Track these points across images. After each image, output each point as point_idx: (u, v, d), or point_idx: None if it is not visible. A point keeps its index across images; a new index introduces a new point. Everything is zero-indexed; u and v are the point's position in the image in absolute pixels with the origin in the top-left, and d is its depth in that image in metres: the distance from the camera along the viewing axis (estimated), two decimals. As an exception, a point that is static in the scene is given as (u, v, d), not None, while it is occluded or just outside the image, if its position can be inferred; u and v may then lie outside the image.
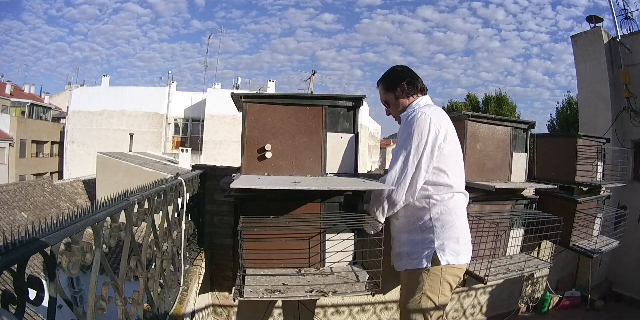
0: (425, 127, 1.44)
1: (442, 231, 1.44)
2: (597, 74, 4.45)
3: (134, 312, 1.13)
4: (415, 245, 1.47)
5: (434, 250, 1.42)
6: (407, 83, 1.59)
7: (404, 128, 1.50)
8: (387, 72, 1.66)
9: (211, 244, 2.28)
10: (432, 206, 1.47)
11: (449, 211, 1.47)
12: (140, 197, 1.16)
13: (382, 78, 1.66)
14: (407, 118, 1.50)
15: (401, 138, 1.49)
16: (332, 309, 2.48)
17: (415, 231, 1.49)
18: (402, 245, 1.52)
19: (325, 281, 1.55)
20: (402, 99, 1.61)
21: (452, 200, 1.49)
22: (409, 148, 1.44)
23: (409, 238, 1.50)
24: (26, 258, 0.64)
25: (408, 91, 1.59)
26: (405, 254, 1.51)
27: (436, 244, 1.43)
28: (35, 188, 10.75)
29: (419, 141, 1.43)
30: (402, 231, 1.54)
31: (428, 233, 1.45)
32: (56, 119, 24.23)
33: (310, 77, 19.29)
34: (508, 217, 2.09)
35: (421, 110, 1.49)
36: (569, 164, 2.59)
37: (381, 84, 1.66)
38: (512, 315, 3.07)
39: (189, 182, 1.86)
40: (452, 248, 1.44)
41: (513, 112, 20.00)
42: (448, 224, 1.45)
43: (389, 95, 1.63)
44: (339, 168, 1.71)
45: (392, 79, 1.63)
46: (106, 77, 19.09)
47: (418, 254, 1.46)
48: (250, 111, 1.66)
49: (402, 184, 1.45)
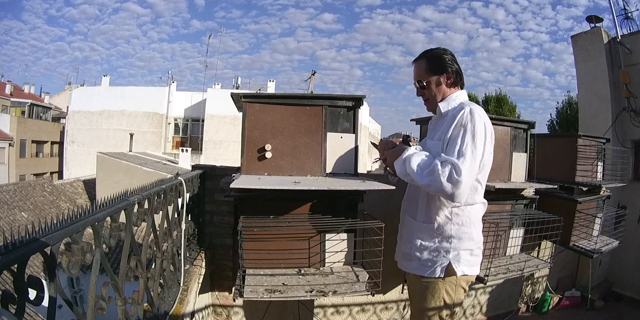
0: (488, 134, 1.36)
1: (459, 242, 1.41)
2: (597, 74, 4.45)
3: (134, 312, 1.13)
4: (431, 252, 1.43)
5: (449, 261, 1.40)
6: (455, 72, 1.47)
7: (464, 122, 1.34)
8: (434, 53, 1.49)
9: (211, 244, 2.28)
10: (455, 216, 1.42)
11: (470, 223, 1.44)
12: (140, 197, 1.16)
13: (429, 57, 1.49)
14: (466, 113, 1.35)
15: (460, 131, 1.33)
16: (332, 309, 2.48)
17: (431, 238, 1.44)
18: (415, 248, 1.47)
19: (325, 281, 1.55)
20: (445, 87, 1.48)
21: (474, 211, 1.45)
22: (479, 150, 1.32)
23: (423, 244, 1.45)
24: (26, 258, 0.64)
25: (453, 82, 1.48)
26: (416, 258, 1.46)
27: (451, 254, 1.41)
28: (35, 188, 10.75)
29: (483, 147, 1.33)
30: (416, 234, 1.48)
31: (445, 242, 1.41)
32: (56, 119, 24.23)
33: (310, 77, 19.29)
34: (508, 217, 2.09)
35: (478, 111, 1.37)
36: (569, 164, 2.59)
37: (425, 62, 1.49)
38: (512, 315, 3.07)
39: (189, 182, 1.86)
40: (466, 258, 1.43)
41: (513, 112, 19.99)
42: (466, 235, 1.42)
43: (431, 77, 1.47)
44: (339, 168, 1.71)
45: (442, 62, 1.47)
46: (106, 77, 19.09)
47: (433, 262, 1.42)
48: (250, 111, 1.66)
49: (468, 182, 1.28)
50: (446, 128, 1.38)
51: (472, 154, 1.29)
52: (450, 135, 1.35)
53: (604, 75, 4.37)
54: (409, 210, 1.54)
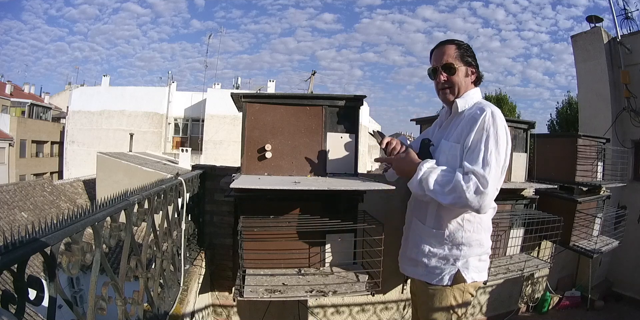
0: (509, 139, 1.31)
1: (469, 249, 1.37)
2: (597, 74, 4.45)
3: (134, 312, 1.13)
4: (439, 260, 1.39)
5: (457, 268, 1.36)
6: (477, 70, 1.43)
7: (486, 126, 1.27)
8: (463, 43, 1.42)
9: (211, 244, 2.28)
10: (467, 222, 1.37)
11: (481, 229, 1.39)
12: (140, 197, 1.16)
13: (461, 45, 1.41)
14: (488, 116, 1.28)
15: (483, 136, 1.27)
16: (332, 309, 2.48)
17: (441, 245, 1.38)
18: (423, 254, 1.42)
19: (325, 281, 1.55)
20: (470, 80, 1.42)
21: (486, 216, 1.41)
22: (502, 156, 1.26)
23: (432, 250, 1.40)
24: (26, 258, 0.64)
25: (477, 78, 1.44)
26: (423, 264, 1.42)
27: (460, 262, 1.37)
28: (35, 188, 10.75)
29: (505, 153, 1.28)
30: (425, 239, 1.42)
31: (455, 250, 1.37)
32: (56, 119, 24.23)
33: (310, 77, 19.30)
34: (508, 217, 2.09)
35: (499, 114, 1.31)
36: (569, 164, 2.59)
37: (456, 49, 1.40)
38: (512, 315, 3.07)
39: (189, 182, 1.86)
40: (474, 265, 1.39)
41: (513, 112, 19.98)
42: (476, 242, 1.38)
43: (461, 65, 1.39)
44: (339, 168, 1.71)
45: (471, 54, 1.41)
46: (106, 77, 19.09)
47: (441, 270, 1.38)
48: (250, 111, 1.66)
49: (494, 192, 1.24)
50: (466, 131, 1.31)
51: (496, 162, 1.24)
52: (472, 140, 1.28)
53: (604, 75, 4.37)
54: (417, 213, 1.48)
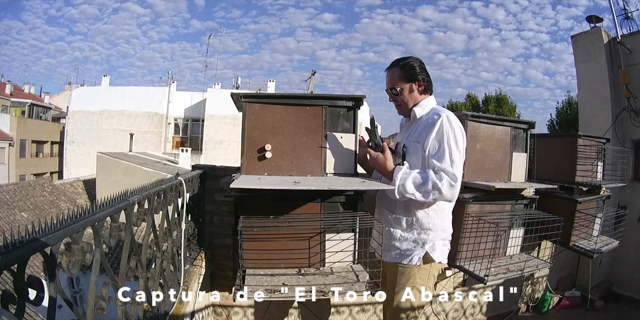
0: (464, 136, 1.53)
1: (435, 234, 1.58)
2: (597, 74, 4.46)
3: (134, 312, 1.13)
4: (410, 243, 1.59)
5: (426, 251, 1.56)
6: (425, 80, 1.60)
7: (445, 129, 1.49)
8: (407, 61, 1.61)
9: (211, 244, 2.28)
10: (431, 211, 1.58)
11: (444, 216, 1.61)
12: (140, 197, 1.16)
13: (402, 65, 1.61)
14: (444, 120, 1.50)
15: (444, 137, 1.49)
16: (332, 309, 2.48)
17: (410, 230, 1.59)
18: (395, 240, 1.61)
19: (325, 281, 1.55)
20: (417, 93, 1.62)
21: (447, 206, 1.61)
22: (462, 153, 1.50)
23: (402, 235, 1.60)
24: (26, 258, 0.64)
25: (425, 89, 1.61)
26: (396, 247, 1.61)
27: (428, 245, 1.57)
28: (35, 188, 10.75)
29: (464, 150, 1.51)
30: (396, 227, 1.62)
31: (423, 234, 1.57)
32: (56, 119, 24.23)
33: (310, 77, 19.32)
34: (508, 217, 2.08)
35: (453, 117, 1.53)
36: (569, 164, 2.59)
37: (398, 70, 1.61)
38: (512, 315, 3.08)
39: (189, 182, 1.87)
40: (440, 248, 1.60)
41: (513, 112, 19.99)
42: (440, 227, 1.59)
43: (404, 84, 1.61)
44: (339, 168, 1.71)
45: (414, 70, 1.59)
46: (106, 77, 19.10)
47: (410, 252, 1.58)
48: (250, 111, 1.66)
49: (459, 184, 1.47)
50: (425, 132, 1.53)
51: (459, 159, 1.49)
52: (433, 142, 1.50)
53: (604, 75, 4.38)
54: (387, 204, 1.66)
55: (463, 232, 1.89)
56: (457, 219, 1.80)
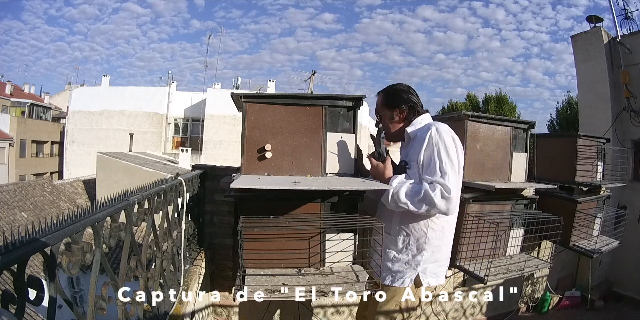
0: (459, 148, 1.46)
1: (431, 255, 1.52)
2: (597, 74, 4.46)
3: (134, 312, 1.13)
4: (402, 264, 1.53)
5: (417, 273, 1.51)
6: (408, 108, 1.58)
7: (434, 141, 1.44)
8: (392, 89, 1.63)
9: (211, 244, 2.28)
10: (430, 231, 1.51)
11: (442, 236, 1.54)
12: (140, 197, 1.16)
13: (385, 92, 1.64)
14: (433, 133, 1.45)
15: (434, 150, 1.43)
16: (332, 309, 2.48)
17: (405, 251, 1.53)
18: (388, 261, 1.56)
19: (325, 281, 1.55)
20: (399, 122, 1.60)
21: (447, 224, 1.54)
22: (455, 163, 1.42)
23: (396, 256, 1.54)
24: (26, 258, 0.64)
25: (406, 116, 1.59)
26: (387, 268, 1.55)
27: (420, 267, 1.51)
28: (35, 188, 10.75)
29: (457, 160, 1.44)
30: (390, 247, 1.56)
31: (417, 256, 1.51)
32: (56, 119, 24.22)
33: (310, 77, 19.30)
34: (508, 217, 2.08)
35: (443, 128, 1.47)
36: (569, 164, 2.59)
37: (382, 97, 1.64)
38: (512, 315, 3.08)
39: (189, 182, 1.87)
40: (432, 271, 1.53)
41: (513, 112, 20.00)
42: (437, 248, 1.53)
43: (385, 111, 1.62)
44: (339, 168, 1.71)
45: (395, 97, 1.60)
46: (106, 77, 19.09)
47: (402, 274, 1.52)
48: (250, 111, 1.66)
49: (457, 195, 1.41)
50: (417, 149, 1.48)
51: (452, 169, 1.41)
52: (424, 156, 1.45)
53: (604, 75, 4.38)
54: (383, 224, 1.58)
55: (463, 232, 1.89)
56: (457, 219, 1.80)
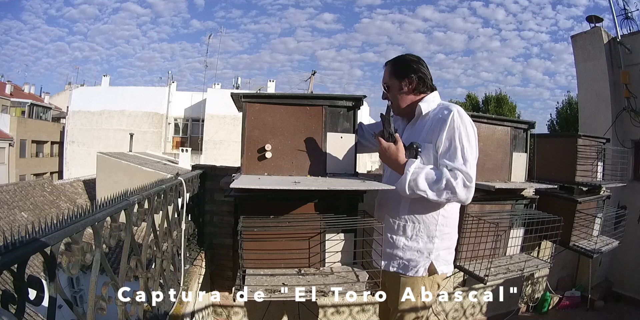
0: (475, 133, 1.40)
1: (441, 242, 1.47)
2: (597, 74, 4.45)
3: (134, 312, 1.13)
4: (414, 253, 1.47)
5: (431, 261, 1.46)
6: (418, 78, 1.46)
7: (457, 124, 1.35)
8: (400, 58, 1.53)
9: (211, 244, 2.28)
10: (441, 218, 1.46)
11: (451, 224, 1.51)
12: (140, 197, 1.16)
13: (394, 62, 1.53)
14: (456, 116, 1.36)
15: (455, 134, 1.35)
16: (332, 309, 2.48)
17: (416, 239, 1.46)
18: (398, 249, 1.49)
19: (325, 281, 1.55)
20: (408, 94, 1.49)
21: (455, 210, 1.52)
22: (474, 150, 1.36)
23: (407, 244, 1.47)
24: (26, 258, 0.64)
25: (416, 87, 1.47)
26: (398, 257, 1.49)
27: (433, 255, 1.46)
28: (35, 188, 10.75)
29: (476, 147, 1.38)
30: (400, 234, 1.49)
31: (429, 243, 1.46)
32: (56, 119, 24.22)
33: (310, 77, 19.32)
34: (508, 217, 2.08)
35: (463, 112, 1.39)
36: (569, 164, 2.58)
37: (390, 66, 1.53)
38: (512, 315, 3.07)
39: (189, 182, 1.87)
40: (444, 258, 1.50)
41: (513, 112, 20.01)
42: (447, 235, 1.50)
43: (393, 81, 1.51)
44: (339, 168, 1.71)
45: (404, 67, 1.49)
46: (106, 77, 19.09)
47: (416, 263, 1.47)
48: (250, 111, 1.66)
49: (473, 184, 1.34)
50: (437, 130, 1.38)
51: (472, 157, 1.35)
52: (445, 139, 1.36)
53: (604, 75, 4.37)
54: (389, 210, 1.54)
55: (463, 232, 1.89)
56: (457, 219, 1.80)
